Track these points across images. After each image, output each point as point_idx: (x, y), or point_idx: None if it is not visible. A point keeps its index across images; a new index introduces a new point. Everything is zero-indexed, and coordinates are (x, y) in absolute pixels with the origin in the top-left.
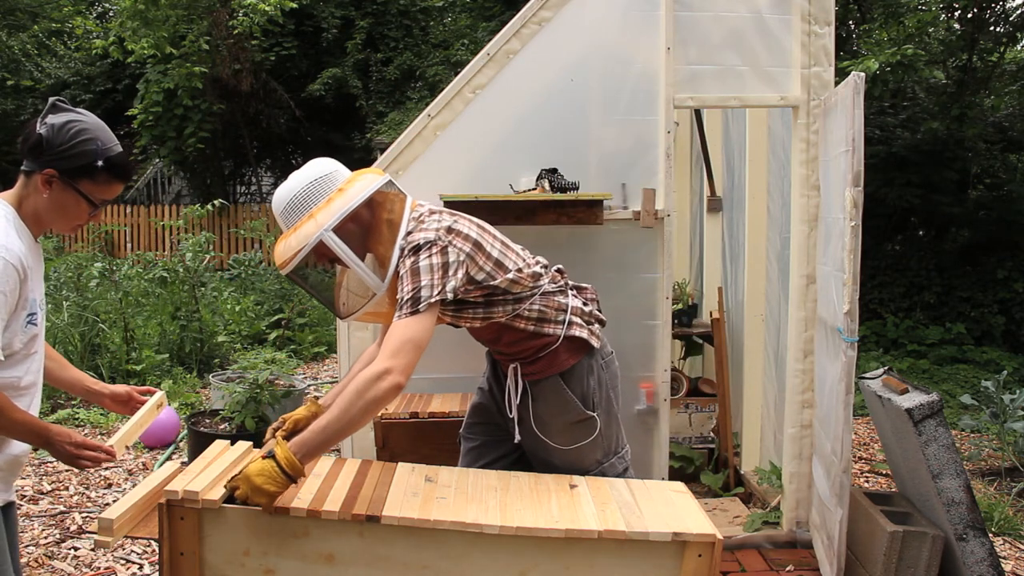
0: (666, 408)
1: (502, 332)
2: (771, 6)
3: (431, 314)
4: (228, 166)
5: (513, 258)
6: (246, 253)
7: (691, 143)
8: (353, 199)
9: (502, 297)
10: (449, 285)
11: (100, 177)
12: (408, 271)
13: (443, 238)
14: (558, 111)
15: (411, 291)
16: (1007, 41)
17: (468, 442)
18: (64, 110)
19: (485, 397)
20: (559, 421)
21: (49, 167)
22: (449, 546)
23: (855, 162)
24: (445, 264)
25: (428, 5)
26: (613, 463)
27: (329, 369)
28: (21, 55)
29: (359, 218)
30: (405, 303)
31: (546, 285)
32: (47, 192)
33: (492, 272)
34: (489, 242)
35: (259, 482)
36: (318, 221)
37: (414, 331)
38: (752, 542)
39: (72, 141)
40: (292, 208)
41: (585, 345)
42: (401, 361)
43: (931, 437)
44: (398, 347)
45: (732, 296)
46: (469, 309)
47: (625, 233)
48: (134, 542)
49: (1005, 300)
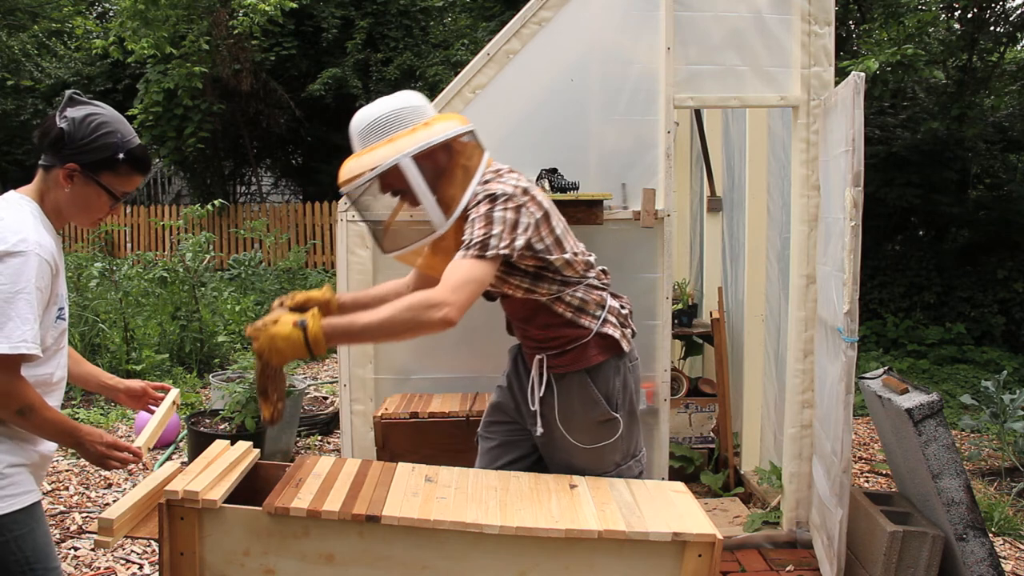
0: (666, 408)
1: (538, 312)
2: (771, 6)
3: (494, 264)
4: (228, 166)
5: (572, 242)
6: (246, 253)
7: (691, 143)
8: (437, 135)
9: (551, 275)
10: (517, 243)
11: (121, 169)
12: (482, 216)
13: (519, 197)
14: (558, 111)
15: (483, 235)
16: (1007, 41)
17: (486, 442)
18: (82, 103)
19: (504, 394)
20: (583, 418)
21: (70, 161)
22: (449, 546)
23: (855, 162)
24: (516, 222)
25: (428, 5)
26: (630, 466)
27: (329, 369)
28: (21, 55)
29: (436, 157)
30: (474, 244)
31: (593, 279)
32: (68, 186)
33: (551, 247)
34: (555, 217)
35: (281, 345)
36: (398, 146)
37: (477, 273)
38: (752, 542)
39: (93, 134)
40: (374, 129)
41: (615, 345)
42: (460, 297)
43: (931, 437)
44: (460, 283)
45: (732, 296)
46: (517, 276)
47: (625, 233)
48: (134, 542)
49: (1005, 300)
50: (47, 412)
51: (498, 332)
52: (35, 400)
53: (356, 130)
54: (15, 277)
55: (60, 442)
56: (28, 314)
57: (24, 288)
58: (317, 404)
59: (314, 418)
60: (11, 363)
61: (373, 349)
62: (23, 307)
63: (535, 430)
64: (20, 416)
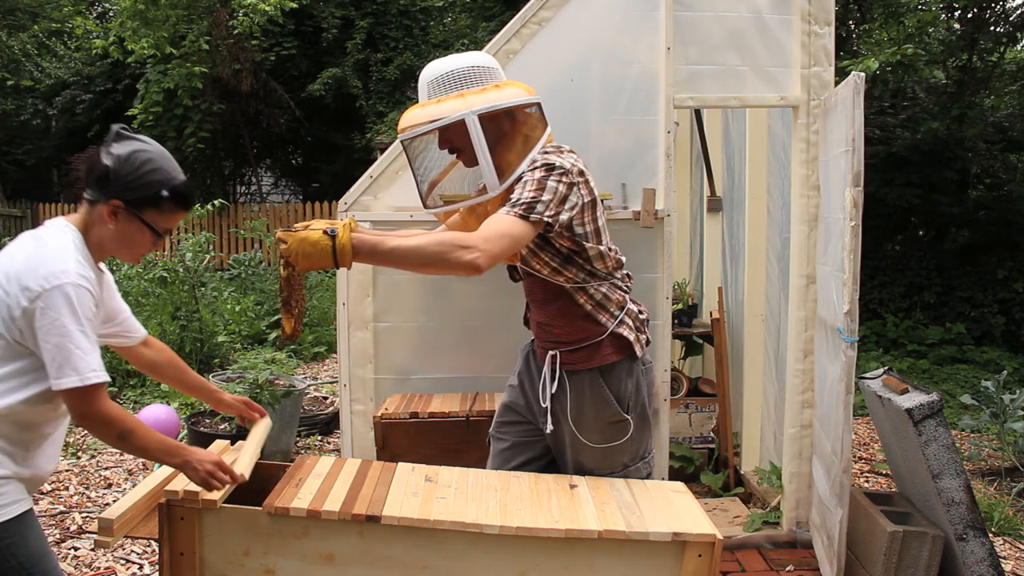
0: (666, 408)
1: (559, 297)
2: (771, 6)
3: (534, 228)
4: (228, 166)
5: (609, 237)
6: (246, 253)
7: (691, 143)
8: (507, 99)
9: (582, 262)
10: (562, 216)
11: (165, 206)
12: (536, 180)
13: (575, 175)
14: (558, 111)
15: (531, 197)
16: (1007, 41)
17: (498, 443)
18: (128, 138)
19: (515, 393)
20: (593, 417)
21: (115, 198)
22: (449, 546)
23: (855, 162)
24: (566, 197)
25: (428, 5)
26: (639, 467)
27: (329, 369)
28: (21, 55)
29: (500, 121)
30: (520, 204)
31: (619, 280)
32: (112, 223)
33: (590, 234)
34: (600, 209)
35: (309, 249)
36: (468, 101)
37: (516, 231)
38: (752, 542)
39: (138, 172)
40: (445, 81)
41: (628, 347)
42: (493, 248)
43: (931, 437)
44: (496, 235)
45: (732, 296)
46: (549, 252)
47: (625, 233)
48: (134, 542)
49: (1005, 300)
50: (148, 433)
51: (498, 332)
52: (133, 424)
53: (427, 79)
54: (62, 310)
55: (165, 461)
56: (86, 344)
57: (73, 319)
58: (317, 404)
59: (314, 418)
60: (89, 393)
61: (373, 349)
62: (79, 338)
63: (545, 427)
64: (121, 440)
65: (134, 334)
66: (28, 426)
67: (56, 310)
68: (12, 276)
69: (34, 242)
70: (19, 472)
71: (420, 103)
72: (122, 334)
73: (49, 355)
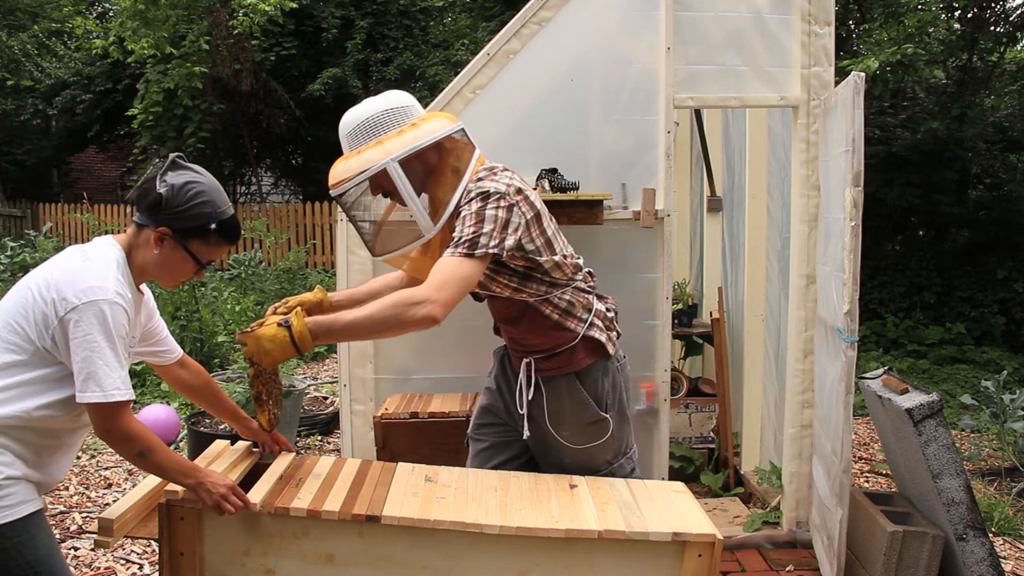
0: (666, 408)
1: (525, 313)
2: (771, 6)
3: (482, 263)
4: (228, 166)
5: (562, 243)
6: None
7: (691, 143)
8: (425, 136)
9: (540, 276)
10: (507, 242)
11: (211, 239)
12: (473, 213)
13: (512, 196)
14: (558, 111)
15: (472, 233)
16: (1007, 41)
17: (477, 443)
18: (183, 168)
19: (493, 397)
20: (572, 420)
21: (164, 225)
22: (449, 546)
23: (855, 162)
24: (508, 221)
25: (428, 5)
26: (622, 464)
27: (329, 369)
28: (21, 55)
29: (425, 158)
30: (463, 242)
31: (580, 282)
32: (158, 249)
33: (541, 248)
34: (546, 219)
35: (268, 346)
36: (386, 149)
37: (465, 271)
38: (752, 542)
39: (190, 203)
40: (362, 131)
41: (602, 348)
42: (445, 296)
43: (931, 437)
44: (446, 281)
45: (732, 296)
46: (506, 275)
47: (625, 233)
48: (134, 542)
49: (1005, 300)
50: (166, 453)
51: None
52: (153, 443)
53: (344, 132)
54: (96, 325)
55: (180, 482)
56: (114, 361)
57: (105, 335)
58: (317, 404)
59: (314, 418)
60: (112, 410)
61: (373, 349)
62: (108, 354)
63: (523, 432)
64: (140, 458)
65: (172, 354)
66: (47, 433)
67: (89, 324)
68: (52, 285)
69: (79, 255)
70: (30, 475)
71: (344, 155)
72: (160, 353)
73: (77, 368)
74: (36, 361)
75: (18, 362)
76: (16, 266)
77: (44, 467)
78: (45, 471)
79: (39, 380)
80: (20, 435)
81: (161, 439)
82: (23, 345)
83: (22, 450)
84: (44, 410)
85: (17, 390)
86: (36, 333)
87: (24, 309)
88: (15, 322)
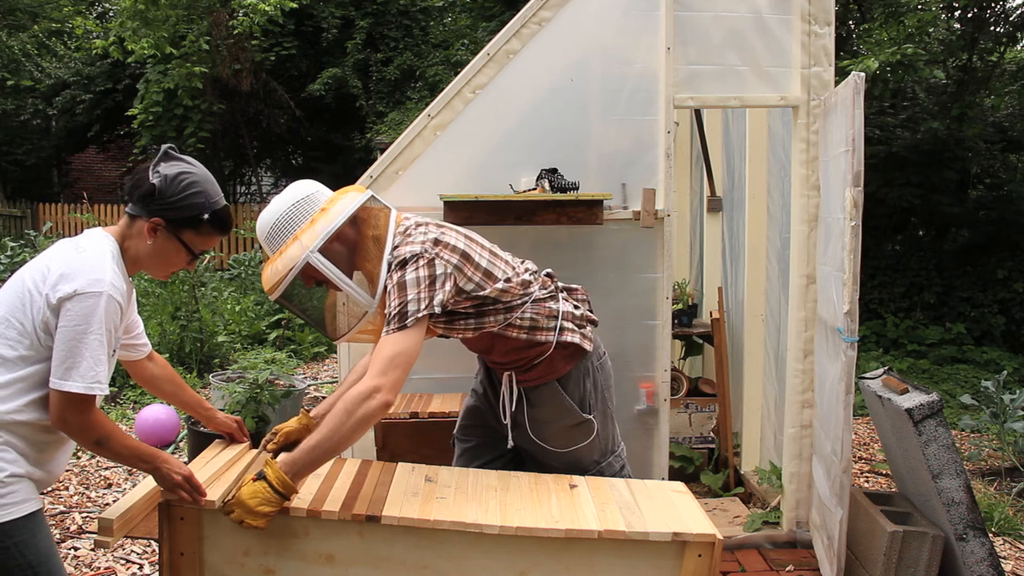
0: (666, 408)
1: (495, 342)
2: (771, 6)
3: (419, 328)
4: (228, 166)
5: (502, 267)
6: (246, 253)
7: (691, 143)
8: (336, 218)
9: (493, 307)
10: (437, 298)
11: (203, 229)
12: (395, 285)
13: (429, 251)
14: (558, 111)
15: (398, 306)
16: (1007, 41)
17: (462, 443)
18: (175, 159)
19: (479, 400)
20: (556, 425)
21: (157, 216)
22: (449, 546)
23: (855, 162)
24: (432, 277)
25: (428, 5)
26: (611, 462)
27: (329, 369)
28: (21, 55)
29: (344, 237)
30: (393, 318)
31: (536, 292)
32: (151, 239)
33: (481, 282)
34: (477, 252)
35: (253, 504)
36: (303, 243)
37: (402, 347)
38: (752, 542)
39: (182, 193)
40: (276, 232)
41: (579, 350)
42: (389, 379)
43: (931, 437)
44: (386, 364)
45: (732, 296)
46: (460, 320)
47: (625, 233)
48: (134, 542)
49: (1005, 300)
50: (124, 440)
51: None
52: (112, 430)
53: (261, 237)
54: (89, 317)
55: (137, 467)
56: (100, 354)
57: (96, 328)
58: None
59: None
60: (87, 401)
61: None
62: (95, 347)
63: (507, 442)
64: (98, 446)
65: (146, 348)
66: (49, 428)
67: (81, 315)
68: (48, 278)
69: (73, 247)
70: (32, 472)
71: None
72: (136, 347)
73: (60, 355)
74: (35, 356)
75: (17, 357)
76: (16, 266)
77: (45, 463)
78: (46, 468)
79: (39, 375)
80: (23, 431)
81: (162, 440)
82: (21, 340)
83: (25, 447)
84: (45, 404)
85: (18, 385)
86: (33, 327)
87: (21, 303)
88: (13, 317)
